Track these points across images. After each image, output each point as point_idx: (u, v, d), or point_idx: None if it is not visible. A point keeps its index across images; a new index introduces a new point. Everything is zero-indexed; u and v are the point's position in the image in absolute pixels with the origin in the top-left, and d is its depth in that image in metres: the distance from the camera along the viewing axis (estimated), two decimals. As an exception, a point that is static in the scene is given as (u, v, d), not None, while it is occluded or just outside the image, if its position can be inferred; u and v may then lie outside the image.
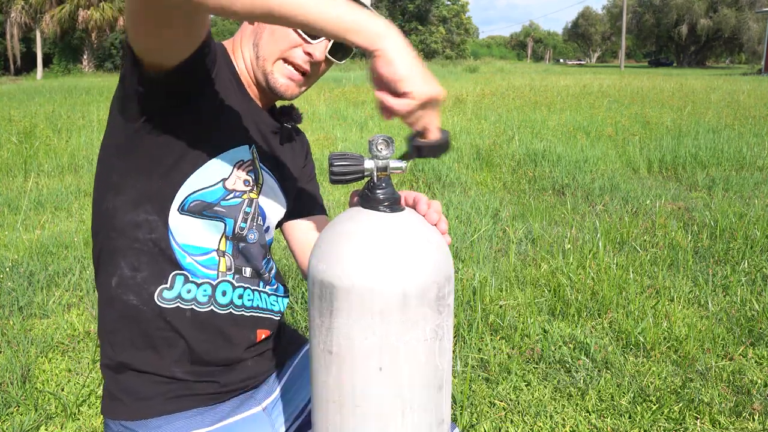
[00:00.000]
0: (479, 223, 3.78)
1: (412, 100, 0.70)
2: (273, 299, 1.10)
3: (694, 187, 4.91)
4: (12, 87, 17.65)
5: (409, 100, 0.70)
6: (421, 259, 0.74)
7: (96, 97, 12.75)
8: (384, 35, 0.70)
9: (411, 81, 0.70)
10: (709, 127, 7.60)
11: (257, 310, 1.06)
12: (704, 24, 49.48)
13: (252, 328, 1.05)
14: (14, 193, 4.73)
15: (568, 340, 2.34)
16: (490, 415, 1.87)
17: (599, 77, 20.81)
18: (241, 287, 1.02)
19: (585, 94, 13.04)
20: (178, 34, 0.78)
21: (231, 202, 0.98)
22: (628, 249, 3.34)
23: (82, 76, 27.44)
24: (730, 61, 60.66)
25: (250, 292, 1.04)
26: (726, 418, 1.85)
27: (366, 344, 0.72)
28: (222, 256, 0.99)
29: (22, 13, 28.86)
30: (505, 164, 5.71)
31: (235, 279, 1.01)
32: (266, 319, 1.08)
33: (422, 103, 0.71)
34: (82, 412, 1.89)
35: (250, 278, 1.04)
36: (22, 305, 2.61)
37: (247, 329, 1.04)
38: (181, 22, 0.76)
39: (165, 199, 0.93)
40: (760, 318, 2.46)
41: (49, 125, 8.28)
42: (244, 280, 1.03)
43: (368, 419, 0.75)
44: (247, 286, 1.03)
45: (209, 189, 0.95)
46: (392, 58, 0.69)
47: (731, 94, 12.93)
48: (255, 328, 1.06)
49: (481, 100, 11.81)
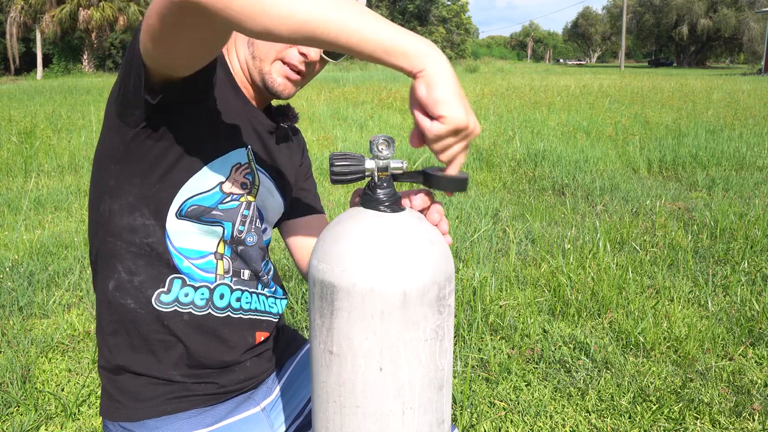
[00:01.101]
0: (479, 223, 3.78)
1: (444, 124, 0.67)
2: (271, 301, 1.10)
3: (694, 187, 4.91)
4: (12, 87, 17.65)
5: (441, 124, 0.68)
6: (421, 259, 0.74)
7: (96, 97, 12.75)
8: (427, 58, 0.67)
9: (447, 105, 0.67)
10: (709, 127, 7.60)
11: (255, 313, 1.06)
12: (704, 24, 49.48)
13: (250, 331, 1.05)
14: (14, 193, 4.73)
15: (568, 340, 2.34)
16: (490, 415, 1.87)
17: (599, 77, 20.82)
18: (239, 290, 1.02)
19: (585, 94, 13.04)
20: (206, 54, 0.77)
21: (229, 205, 0.97)
22: (628, 249, 3.34)
23: (82, 76, 27.44)
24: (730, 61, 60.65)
25: (248, 294, 1.04)
26: (726, 418, 1.85)
27: (366, 344, 0.72)
28: (220, 259, 0.99)
29: (21, 13, 28.86)
30: (505, 164, 5.71)
31: (233, 282, 1.01)
32: (264, 321, 1.08)
33: (454, 129, 0.68)
34: (82, 412, 1.89)
35: (248, 281, 1.04)
36: (22, 305, 2.61)
37: (246, 332, 1.04)
38: (218, 44, 0.75)
39: (162, 203, 0.93)
40: (760, 318, 2.46)
41: (49, 125, 8.28)
42: (242, 283, 1.02)
43: (368, 419, 0.75)
44: (245, 289, 1.03)
45: (207, 193, 0.95)
46: (434, 81, 0.67)
47: (731, 94, 12.93)
48: (253, 331, 1.05)
49: (481, 100, 11.82)
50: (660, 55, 63.18)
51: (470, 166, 5.69)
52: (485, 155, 5.98)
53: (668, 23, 51.57)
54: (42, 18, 28.88)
